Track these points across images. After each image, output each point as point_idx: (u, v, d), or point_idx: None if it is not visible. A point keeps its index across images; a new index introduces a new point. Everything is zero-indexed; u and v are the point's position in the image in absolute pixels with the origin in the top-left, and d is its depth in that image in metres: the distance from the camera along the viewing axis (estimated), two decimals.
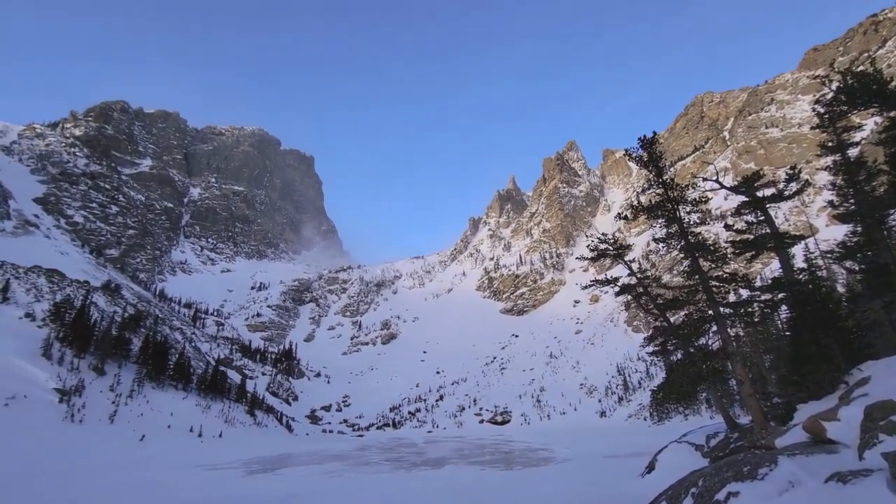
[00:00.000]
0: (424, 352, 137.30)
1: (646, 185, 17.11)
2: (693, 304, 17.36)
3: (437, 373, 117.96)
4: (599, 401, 78.08)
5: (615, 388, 79.06)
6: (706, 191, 16.74)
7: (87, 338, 44.76)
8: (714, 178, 17.40)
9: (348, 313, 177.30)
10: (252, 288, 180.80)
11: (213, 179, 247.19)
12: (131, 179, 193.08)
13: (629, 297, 20.12)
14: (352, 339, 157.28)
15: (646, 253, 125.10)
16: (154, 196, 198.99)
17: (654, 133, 16.64)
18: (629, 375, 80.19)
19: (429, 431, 76.44)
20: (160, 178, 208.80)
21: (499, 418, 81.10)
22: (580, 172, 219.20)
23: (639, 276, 19.47)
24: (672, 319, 18.97)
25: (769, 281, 16.82)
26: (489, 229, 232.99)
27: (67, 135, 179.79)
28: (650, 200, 17.10)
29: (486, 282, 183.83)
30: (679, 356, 19.15)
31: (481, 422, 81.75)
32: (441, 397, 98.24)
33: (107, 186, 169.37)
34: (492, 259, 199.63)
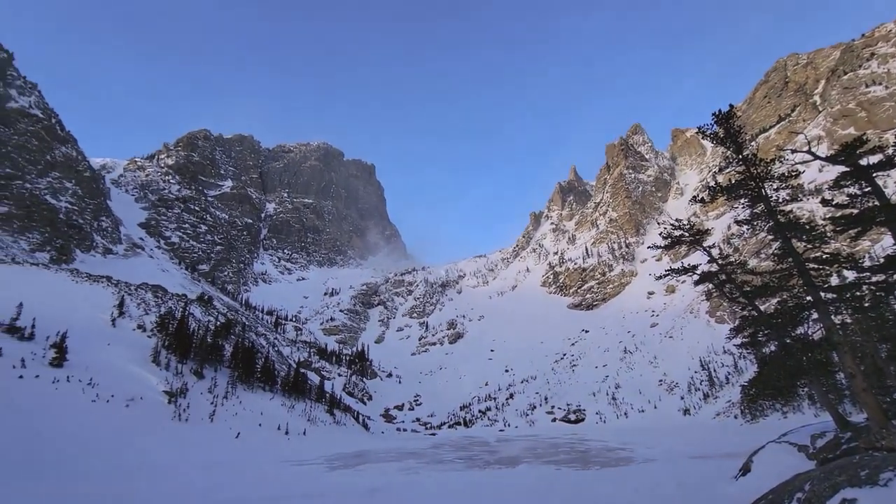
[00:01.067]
0: (492, 350, 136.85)
1: (723, 164, 15.77)
2: (787, 290, 15.69)
3: (506, 371, 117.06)
4: (682, 398, 73.08)
5: (699, 384, 73.59)
6: (796, 164, 15.05)
7: (188, 345, 49.86)
8: (805, 148, 15.61)
9: (415, 314, 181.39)
10: (325, 294, 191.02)
11: (286, 194, 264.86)
12: (216, 200, 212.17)
13: (710, 285, 18.61)
14: (420, 339, 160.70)
15: (727, 237, 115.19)
16: (236, 214, 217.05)
17: (731, 106, 15.27)
18: (714, 370, 74.26)
19: (500, 430, 76.06)
20: (240, 197, 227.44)
21: (572, 417, 78.74)
22: (647, 156, 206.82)
23: (720, 262, 17.95)
24: (763, 308, 17.27)
25: (881, 260, 14.74)
26: (552, 223, 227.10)
27: (162, 165, 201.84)
28: (729, 180, 15.73)
29: (552, 277, 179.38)
30: (773, 348, 17.39)
31: (554, 420, 79.86)
32: (511, 396, 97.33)
33: (196, 208, 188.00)
34: (556, 253, 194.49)
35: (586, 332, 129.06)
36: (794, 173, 14.67)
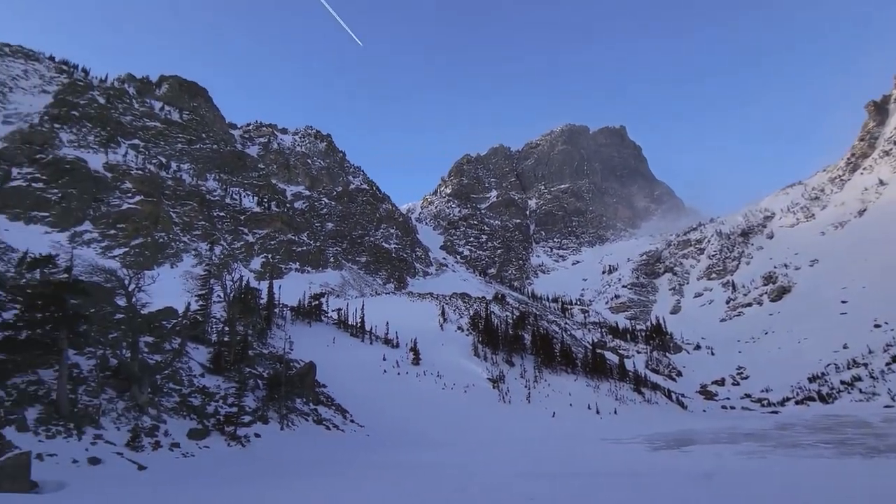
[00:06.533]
0: (843, 301, 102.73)
1: None
2: None
3: (876, 326, 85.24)
4: None
5: None
6: None
7: (496, 339, 58.48)
8: None
9: (713, 275, 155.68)
10: (603, 272, 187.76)
11: (543, 187, 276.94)
12: (487, 211, 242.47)
13: None
14: (727, 302, 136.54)
15: None
16: (505, 218, 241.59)
17: None
18: None
19: (886, 406, 55.66)
20: (505, 202, 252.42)
21: None
22: None
23: None
24: None
25: None
26: None
27: (443, 195, 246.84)
28: None
29: None
30: None
31: None
32: (894, 359, 70.09)
33: (475, 222, 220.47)
34: None
35: None
36: None
